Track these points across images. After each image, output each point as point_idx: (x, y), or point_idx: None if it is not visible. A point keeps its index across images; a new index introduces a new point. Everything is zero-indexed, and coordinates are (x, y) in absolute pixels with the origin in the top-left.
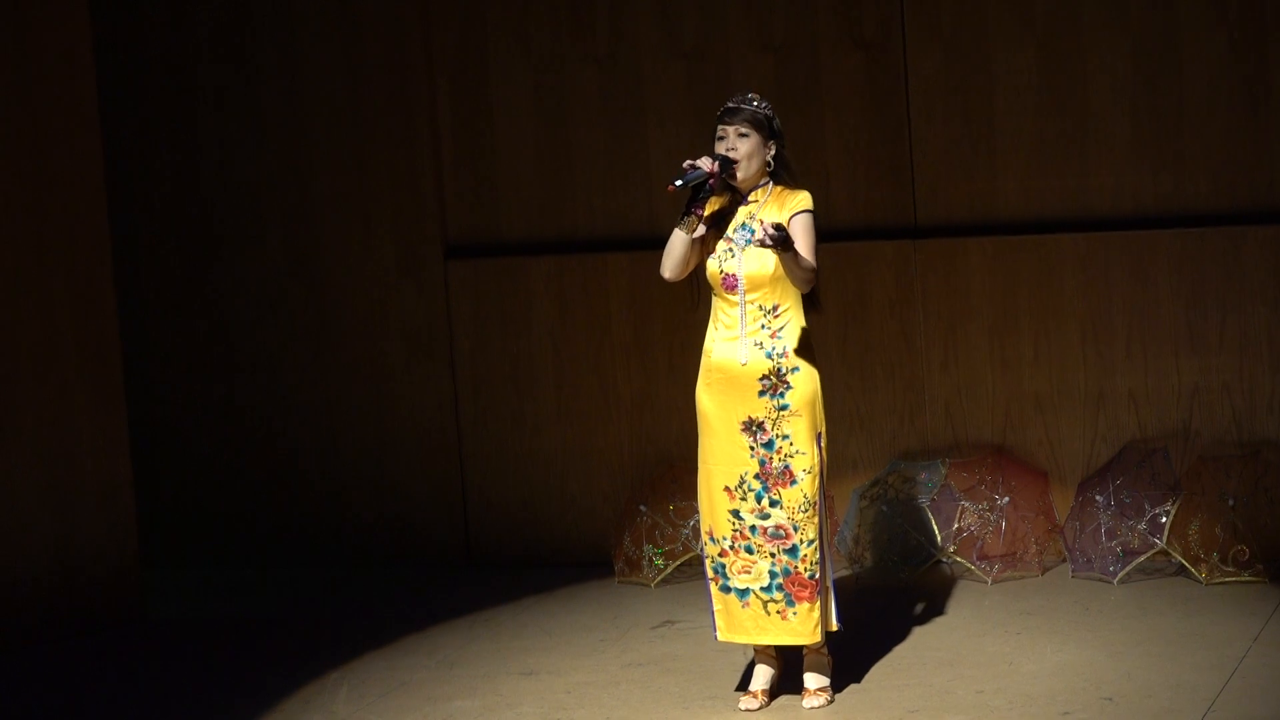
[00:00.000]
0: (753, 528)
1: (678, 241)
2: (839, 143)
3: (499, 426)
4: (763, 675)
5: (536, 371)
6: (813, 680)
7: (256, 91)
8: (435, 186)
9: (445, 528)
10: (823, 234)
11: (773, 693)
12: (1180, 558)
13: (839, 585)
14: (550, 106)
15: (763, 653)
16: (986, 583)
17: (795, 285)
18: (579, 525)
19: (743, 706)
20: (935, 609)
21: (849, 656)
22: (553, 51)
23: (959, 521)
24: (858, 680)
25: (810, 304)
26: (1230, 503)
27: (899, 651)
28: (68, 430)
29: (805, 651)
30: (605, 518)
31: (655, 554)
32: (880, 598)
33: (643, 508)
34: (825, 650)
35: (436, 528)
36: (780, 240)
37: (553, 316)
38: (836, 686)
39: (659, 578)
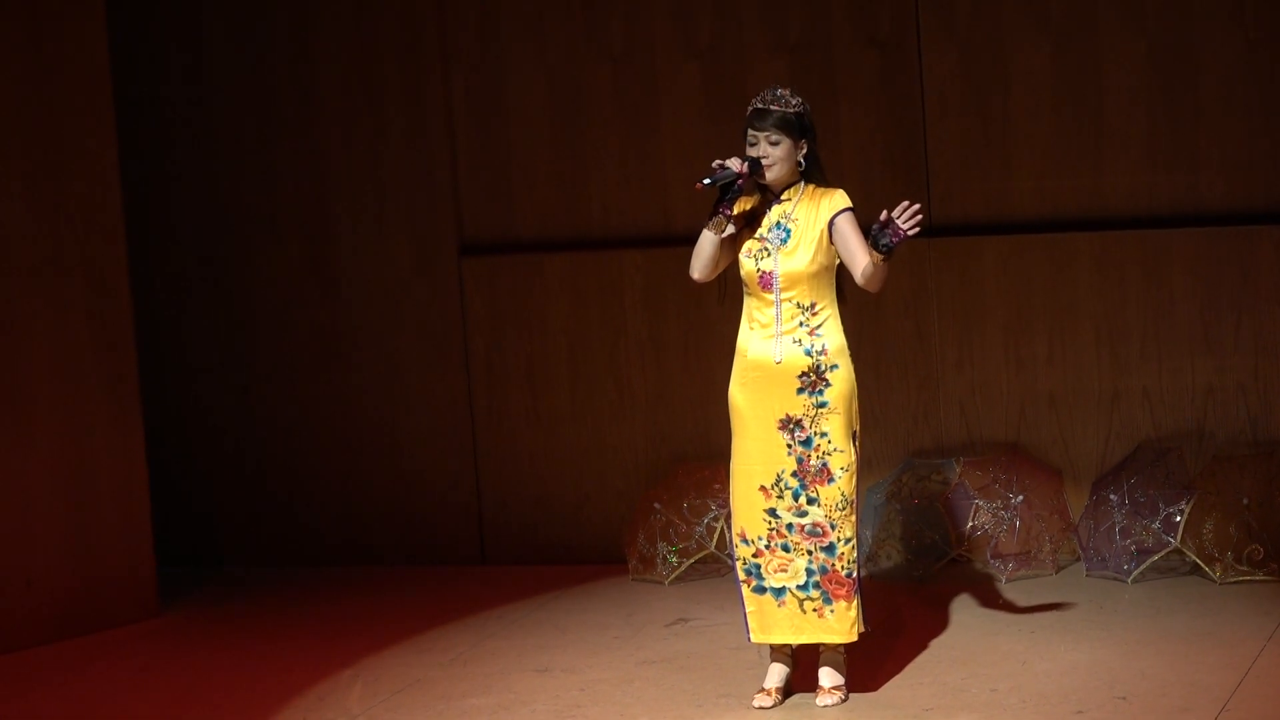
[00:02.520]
0: (790, 525)
1: (706, 242)
2: (853, 142)
3: (513, 424)
4: (777, 673)
5: (551, 369)
6: (827, 678)
7: (272, 90)
8: (450, 184)
9: (459, 525)
10: None
11: (787, 691)
12: (1194, 557)
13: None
14: (565, 104)
15: (779, 651)
16: (1000, 581)
17: (871, 287)
18: (593, 523)
19: (756, 704)
20: (948, 607)
21: (863, 654)
22: (568, 49)
23: (973, 520)
24: (872, 678)
25: (840, 297)
26: (1245, 502)
27: (913, 650)
28: (84, 429)
29: (821, 649)
30: (619, 515)
31: (669, 551)
32: (894, 596)
33: (657, 505)
34: (841, 648)
35: (451, 525)
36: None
37: (567, 314)
38: (850, 684)
39: (673, 575)
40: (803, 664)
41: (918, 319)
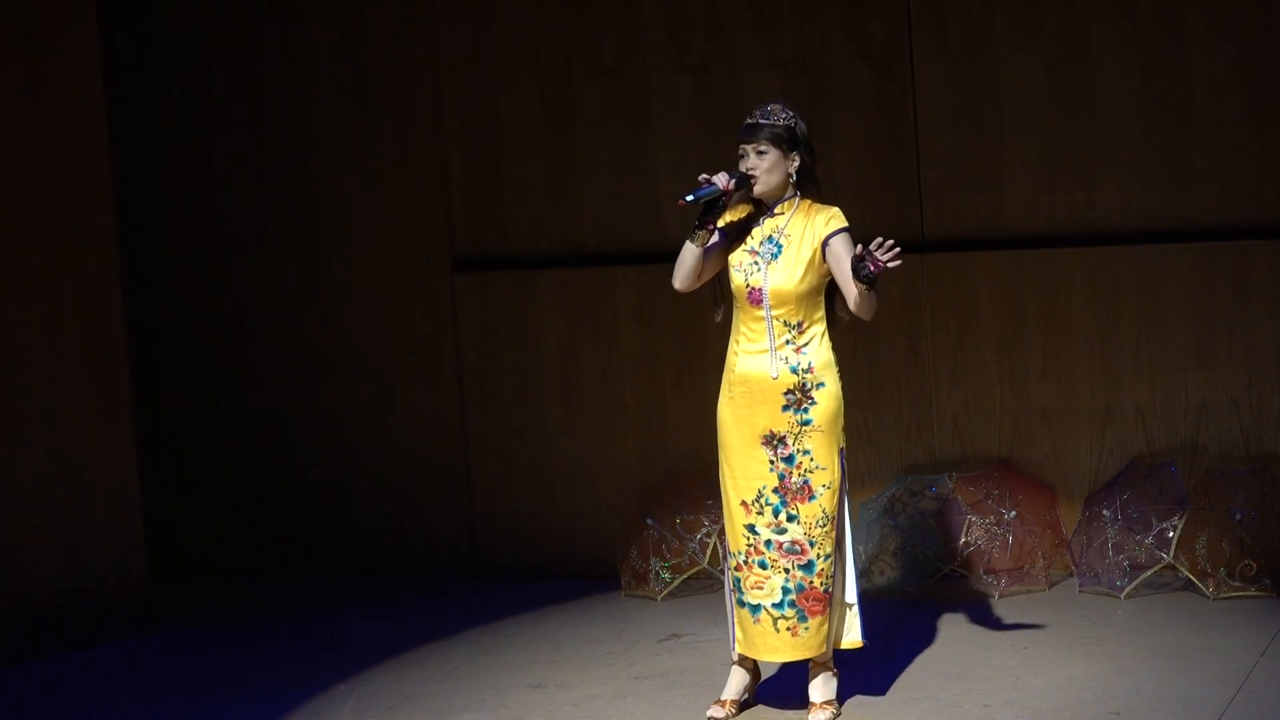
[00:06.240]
0: (768, 542)
1: (688, 254)
2: (846, 156)
3: (506, 439)
4: (737, 684)
5: (544, 384)
6: (819, 694)
7: (264, 102)
8: (443, 199)
9: (452, 540)
10: None
11: (745, 702)
12: (1187, 572)
13: None
14: (558, 119)
15: (743, 660)
16: (993, 597)
17: (862, 314)
18: (586, 538)
19: (709, 715)
20: (942, 623)
21: (856, 670)
22: (560, 64)
23: (966, 535)
24: (864, 694)
25: (831, 317)
26: (1237, 517)
27: (906, 665)
28: (76, 441)
29: (812, 665)
30: (612, 531)
31: (662, 567)
32: (887, 612)
33: (650, 521)
34: (832, 664)
35: (443, 540)
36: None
37: (560, 329)
38: (843, 700)
39: (665, 591)
40: (796, 677)
41: (911, 334)
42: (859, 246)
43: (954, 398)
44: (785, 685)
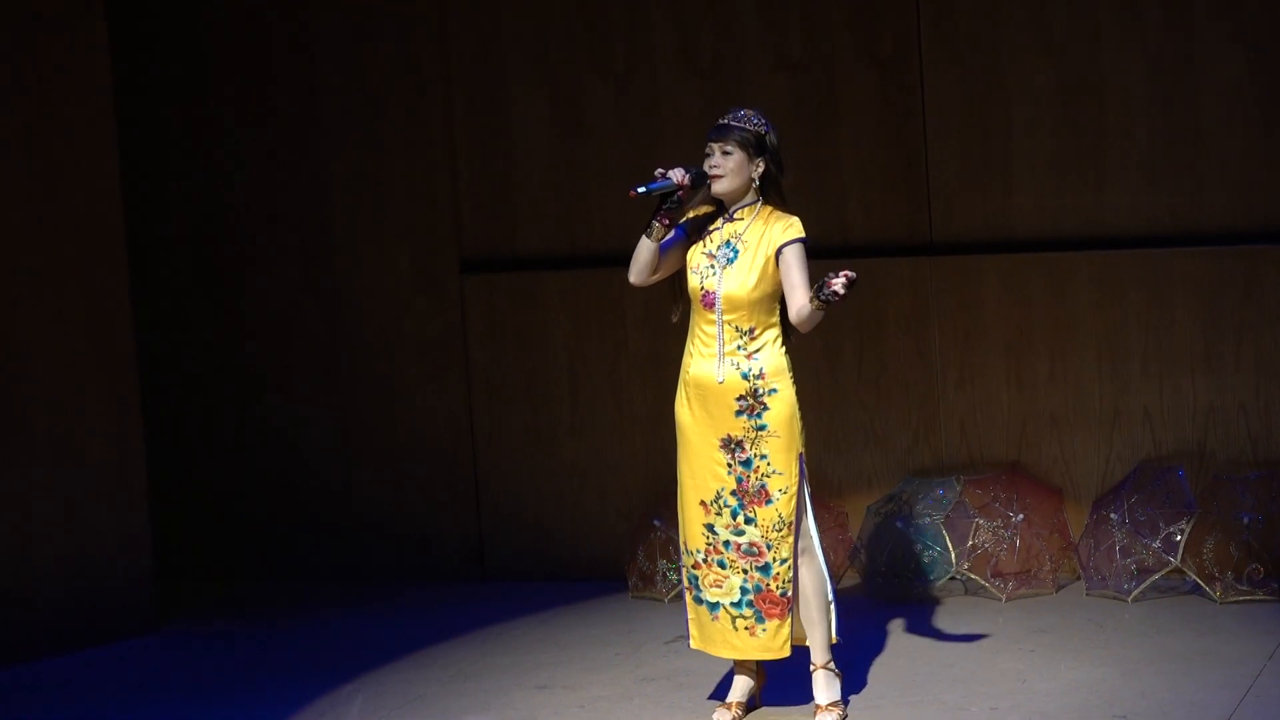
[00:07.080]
0: (726, 543)
1: (643, 248)
2: (854, 160)
3: (513, 441)
4: (740, 687)
5: (551, 386)
6: (823, 695)
7: (273, 106)
8: (451, 201)
9: (459, 541)
10: (838, 251)
11: (750, 704)
12: (1195, 576)
13: (846, 599)
14: (566, 122)
15: (743, 664)
16: (1000, 600)
17: (802, 327)
18: (593, 540)
19: (715, 718)
20: (949, 626)
21: (862, 672)
22: (569, 67)
23: (973, 538)
24: (871, 697)
25: (786, 326)
26: (1245, 521)
27: (912, 668)
28: (83, 443)
29: (813, 668)
30: (619, 532)
31: (669, 569)
32: (894, 614)
33: (657, 522)
34: (834, 666)
35: (451, 541)
36: (831, 301)
37: (568, 331)
38: (849, 703)
39: (672, 593)
40: (801, 679)
41: (918, 337)
42: (829, 276)
43: (961, 401)
44: (790, 688)
